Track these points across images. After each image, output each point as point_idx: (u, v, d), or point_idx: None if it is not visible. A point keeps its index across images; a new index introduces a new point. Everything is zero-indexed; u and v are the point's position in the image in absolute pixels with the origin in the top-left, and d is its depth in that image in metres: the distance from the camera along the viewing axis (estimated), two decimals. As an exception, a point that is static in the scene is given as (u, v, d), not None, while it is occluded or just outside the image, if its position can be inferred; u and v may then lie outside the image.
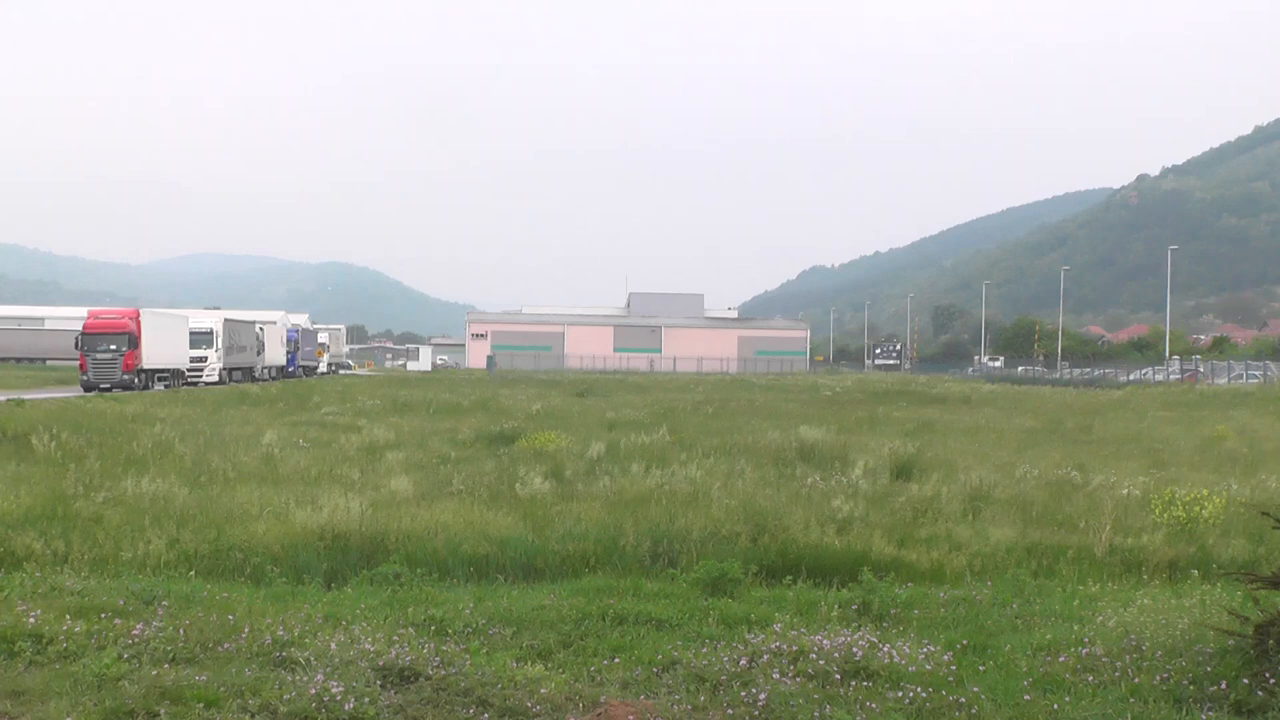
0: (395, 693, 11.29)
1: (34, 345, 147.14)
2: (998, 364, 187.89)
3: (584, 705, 11.29)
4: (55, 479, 26.15)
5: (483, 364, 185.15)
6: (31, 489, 24.29)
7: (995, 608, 16.04)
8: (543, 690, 11.45)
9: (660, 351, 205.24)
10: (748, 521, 21.06)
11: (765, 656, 12.58)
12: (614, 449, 34.01)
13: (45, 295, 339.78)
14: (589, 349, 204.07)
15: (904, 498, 25.26)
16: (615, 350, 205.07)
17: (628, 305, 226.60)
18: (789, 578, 18.06)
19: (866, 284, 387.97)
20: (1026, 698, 11.67)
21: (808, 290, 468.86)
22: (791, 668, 12.29)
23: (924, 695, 11.52)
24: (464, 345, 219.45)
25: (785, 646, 12.81)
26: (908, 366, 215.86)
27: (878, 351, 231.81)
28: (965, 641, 13.88)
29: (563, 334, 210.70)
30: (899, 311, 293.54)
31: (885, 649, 12.81)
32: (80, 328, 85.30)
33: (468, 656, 12.36)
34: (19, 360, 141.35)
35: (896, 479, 28.73)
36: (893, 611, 15.59)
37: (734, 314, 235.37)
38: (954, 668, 12.72)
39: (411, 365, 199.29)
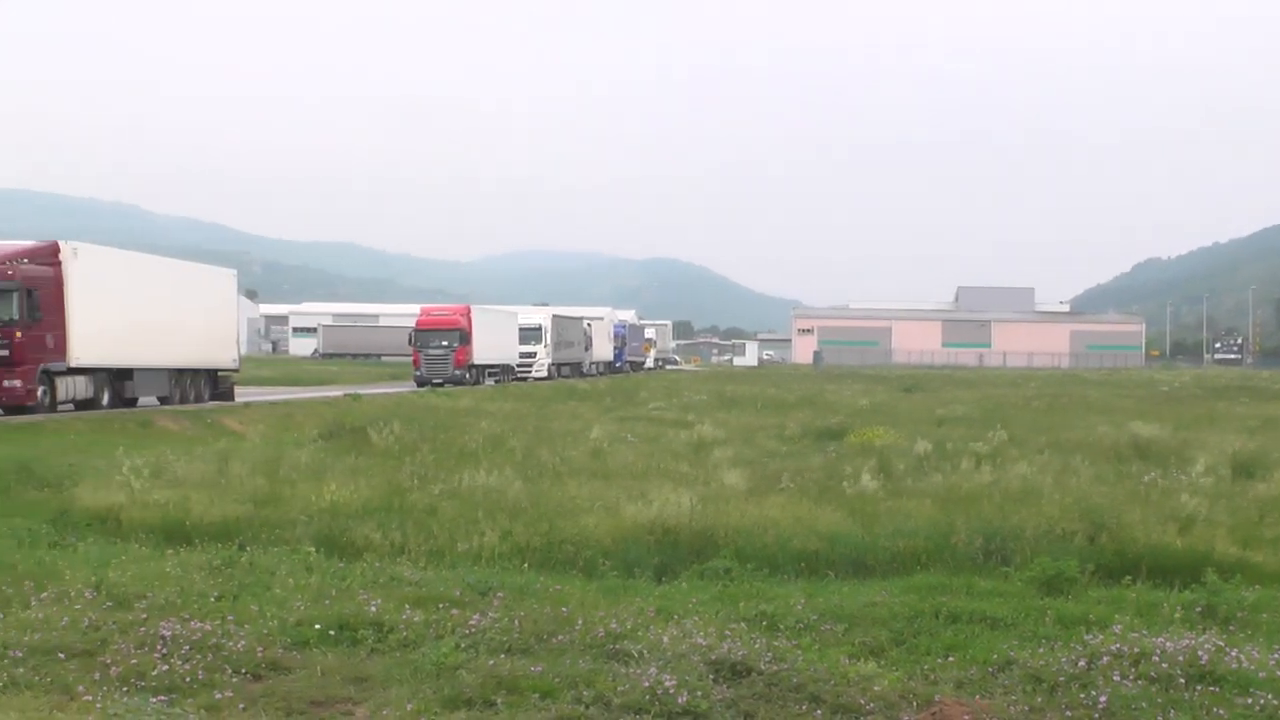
0: (727, 687, 11.24)
1: (369, 342, 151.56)
2: None
3: (918, 703, 11.09)
4: (391, 472, 26.78)
5: (808, 359, 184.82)
6: (369, 481, 24.91)
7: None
8: (876, 687, 11.29)
9: (989, 346, 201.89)
10: (1083, 519, 20.52)
11: (1105, 658, 12.20)
12: (942, 445, 33.53)
13: (379, 293, 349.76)
14: (916, 344, 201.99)
15: (1249, 496, 24.35)
16: (943, 345, 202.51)
17: (956, 300, 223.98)
18: (1127, 578, 17.52)
19: (1204, 276, 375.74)
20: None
21: (1141, 283, 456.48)
22: (1133, 670, 11.89)
23: (1276, 703, 11.03)
24: (789, 340, 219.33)
25: (1125, 648, 12.41)
26: (1249, 362, 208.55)
27: (1216, 346, 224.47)
28: (1321, 648, 13.24)
29: (889, 329, 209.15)
30: (1239, 305, 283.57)
31: (1233, 653, 12.29)
32: (413, 325, 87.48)
33: (799, 652, 12.25)
34: (355, 356, 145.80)
35: (1239, 477, 27.70)
36: (1239, 615, 14.96)
37: (1065, 308, 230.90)
38: (1308, 675, 12.14)
39: (737, 360, 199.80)
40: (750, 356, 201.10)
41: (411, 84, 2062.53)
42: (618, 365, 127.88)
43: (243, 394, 57.33)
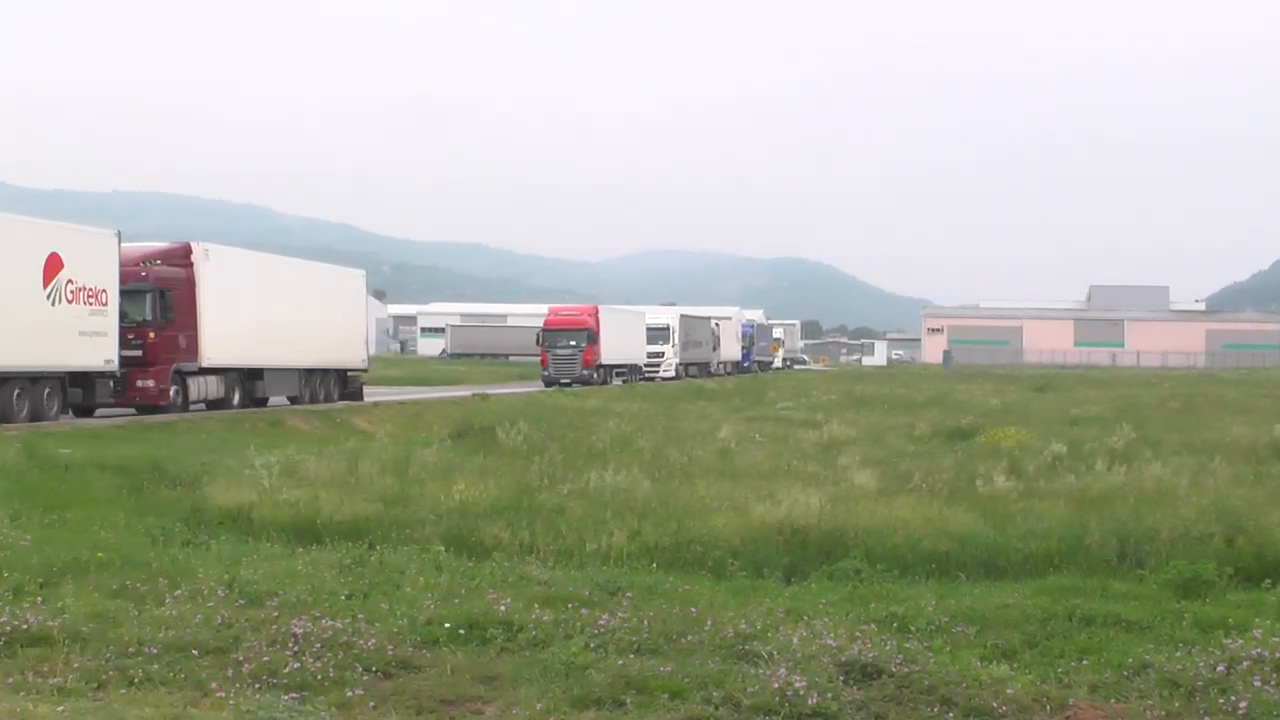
0: (857, 689, 11.14)
1: (497, 341, 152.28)
2: None
3: (1051, 707, 10.93)
4: (520, 471, 26.86)
5: (938, 359, 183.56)
6: (498, 481, 24.98)
7: None
8: (1008, 690, 11.13)
9: (1123, 346, 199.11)
10: (1220, 521, 20.16)
11: (1244, 663, 11.94)
12: (1075, 445, 33.11)
13: (506, 293, 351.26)
14: (1047, 343, 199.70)
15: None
16: (1075, 345, 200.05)
17: (1088, 299, 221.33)
18: (1266, 581, 17.16)
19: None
20: None
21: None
22: (1274, 676, 11.61)
23: None
24: (919, 340, 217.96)
25: (1266, 653, 12.13)
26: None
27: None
28: None
29: (1020, 328, 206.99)
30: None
31: (1379, 658, 12.00)
32: (540, 325, 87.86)
33: (931, 654, 12.13)
34: (482, 356, 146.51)
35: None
36: (1385, 618, 14.63)
37: (1200, 307, 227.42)
38: None
39: (866, 360, 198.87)
40: (879, 356, 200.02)
41: (542, 86, 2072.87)
42: (745, 365, 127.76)
43: (371, 394, 57.82)
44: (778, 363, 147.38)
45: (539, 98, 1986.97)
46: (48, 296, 38.40)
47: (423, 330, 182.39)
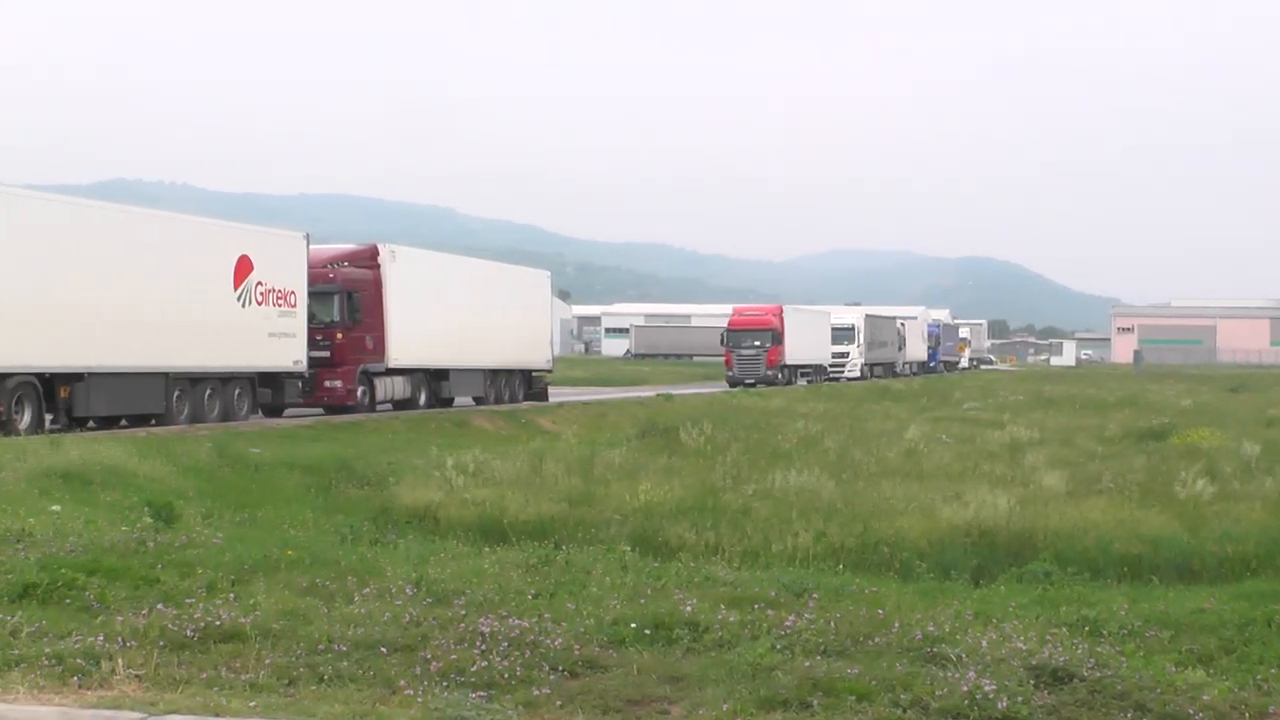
0: (1048, 693, 10.94)
1: (680, 342, 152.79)
2: None
3: (1250, 715, 10.65)
4: (704, 471, 26.89)
5: (1128, 359, 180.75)
6: (682, 481, 25.02)
7: None
8: (1205, 697, 10.86)
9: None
10: None
11: None
12: (1272, 447, 32.38)
13: (690, 293, 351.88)
14: (1242, 343, 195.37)
15: None
16: (1271, 344, 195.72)
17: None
18: None
19: None
20: None
21: None
22: None
23: None
24: (1108, 340, 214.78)
25: None
26: None
27: None
28: None
29: (1214, 328, 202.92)
30: None
31: None
32: (725, 325, 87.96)
33: (1123, 659, 11.88)
34: (666, 356, 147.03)
35: None
36: None
37: None
38: None
39: (1054, 360, 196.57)
40: (1067, 356, 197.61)
41: (734, 84, 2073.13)
42: (931, 365, 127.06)
43: (556, 394, 58.16)
44: (964, 363, 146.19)
45: (726, 98, 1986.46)
46: (238, 298, 39.15)
47: (607, 331, 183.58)
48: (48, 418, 33.23)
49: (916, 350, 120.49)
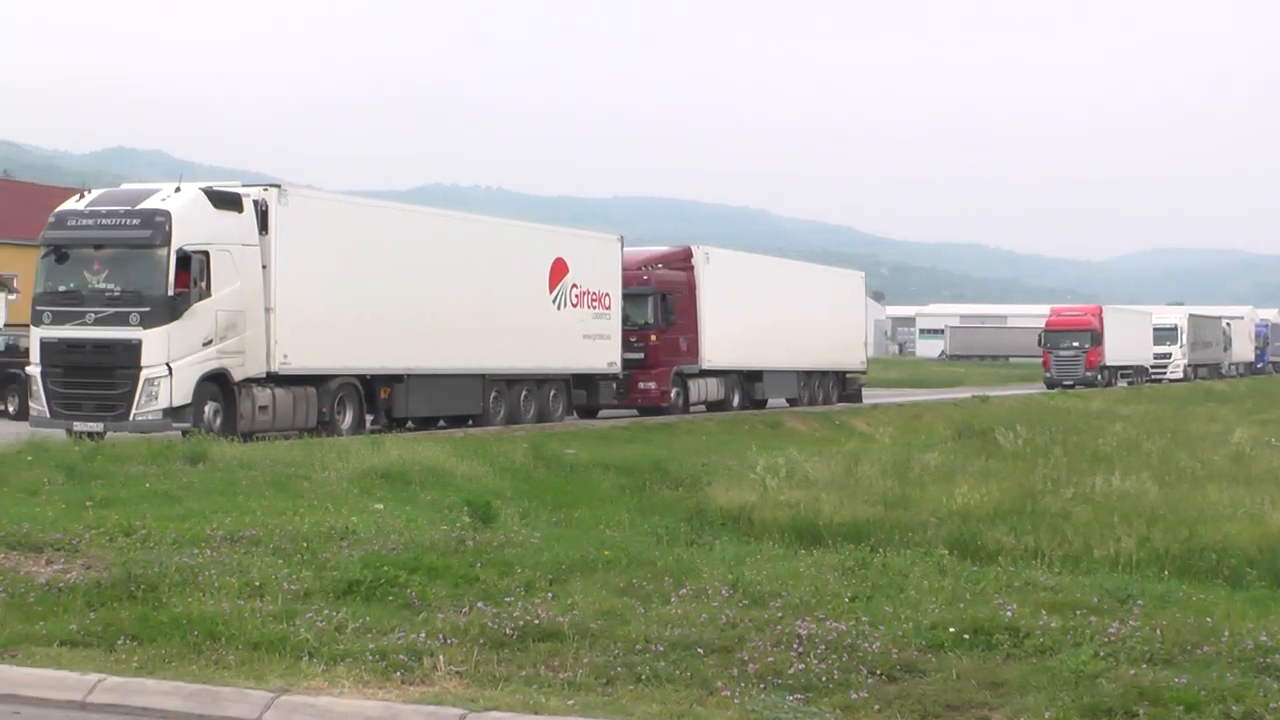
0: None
1: (996, 343, 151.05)
2: None
3: None
4: (1022, 474, 26.47)
5: None
6: (1000, 484, 24.68)
7: None
8: None
9: None
10: None
11: None
12: None
13: (1005, 293, 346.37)
14: None
15: None
16: None
17: None
18: None
19: None
20: None
21: None
22: None
23: None
24: None
25: None
26: None
27: None
28: None
29: None
30: None
31: None
32: (1042, 325, 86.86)
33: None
34: (982, 358, 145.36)
35: None
36: None
37: None
38: None
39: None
40: None
41: (1036, 83, 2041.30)
42: (1259, 366, 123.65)
43: (870, 395, 57.96)
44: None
45: (1044, 96, 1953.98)
46: (553, 300, 39.83)
47: (921, 332, 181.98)
48: (368, 418, 34.26)
49: (1243, 351, 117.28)
